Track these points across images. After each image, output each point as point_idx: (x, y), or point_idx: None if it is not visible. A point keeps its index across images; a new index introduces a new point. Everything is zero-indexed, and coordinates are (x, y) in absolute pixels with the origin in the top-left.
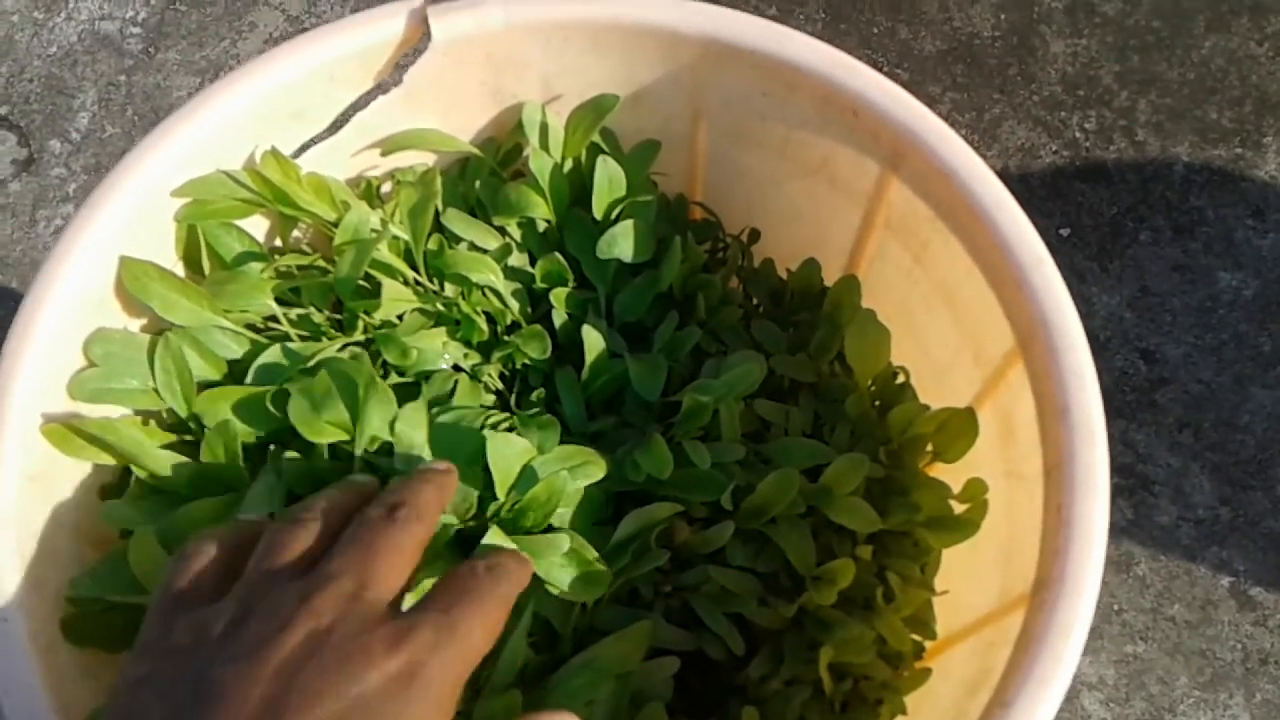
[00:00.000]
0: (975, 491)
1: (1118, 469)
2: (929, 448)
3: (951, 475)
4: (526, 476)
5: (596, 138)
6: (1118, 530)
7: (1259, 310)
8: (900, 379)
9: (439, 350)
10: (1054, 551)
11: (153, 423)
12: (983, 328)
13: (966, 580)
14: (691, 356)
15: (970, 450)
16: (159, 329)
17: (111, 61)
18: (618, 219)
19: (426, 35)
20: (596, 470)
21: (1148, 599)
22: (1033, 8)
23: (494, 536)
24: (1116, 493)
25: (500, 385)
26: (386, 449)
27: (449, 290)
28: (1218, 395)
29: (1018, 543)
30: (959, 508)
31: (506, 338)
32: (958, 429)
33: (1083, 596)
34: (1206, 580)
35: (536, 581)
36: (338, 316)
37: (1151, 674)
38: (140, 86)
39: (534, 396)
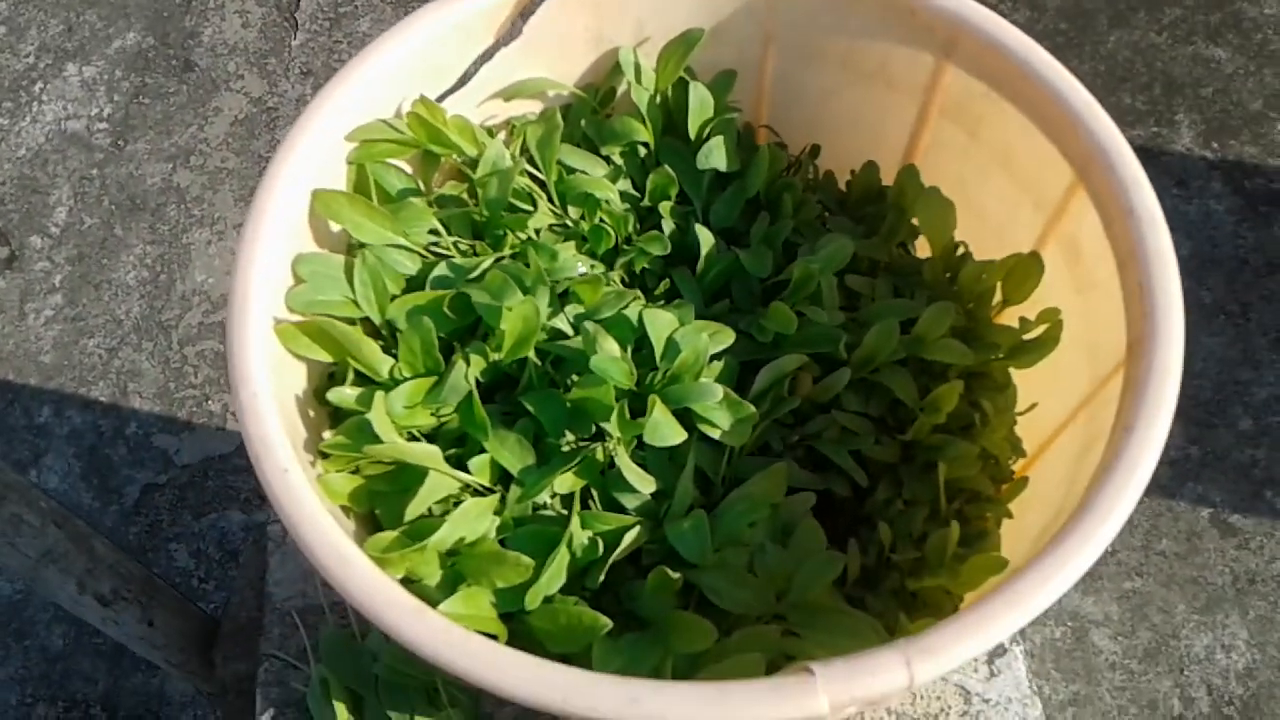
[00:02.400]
0: (1049, 315)
1: None
2: (998, 297)
3: (1026, 312)
4: (671, 347)
5: (683, 72)
6: None
7: (1196, 268)
8: (961, 250)
9: (574, 259)
10: (1141, 315)
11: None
12: (1040, 174)
13: (1050, 393)
14: (783, 250)
15: (1038, 287)
16: (342, 253)
17: (82, 157)
18: (709, 137)
19: None
20: (727, 337)
21: (1137, 538)
22: None
23: (659, 412)
24: None
25: (623, 289)
26: (554, 335)
27: (572, 212)
28: None
29: (1100, 336)
30: (1035, 334)
31: (626, 246)
32: (1024, 272)
33: (1174, 343)
34: (1188, 514)
35: (691, 433)
36: (482, 243)
37: (1151, 605)
38: (114, 177)
39: (658, 290)
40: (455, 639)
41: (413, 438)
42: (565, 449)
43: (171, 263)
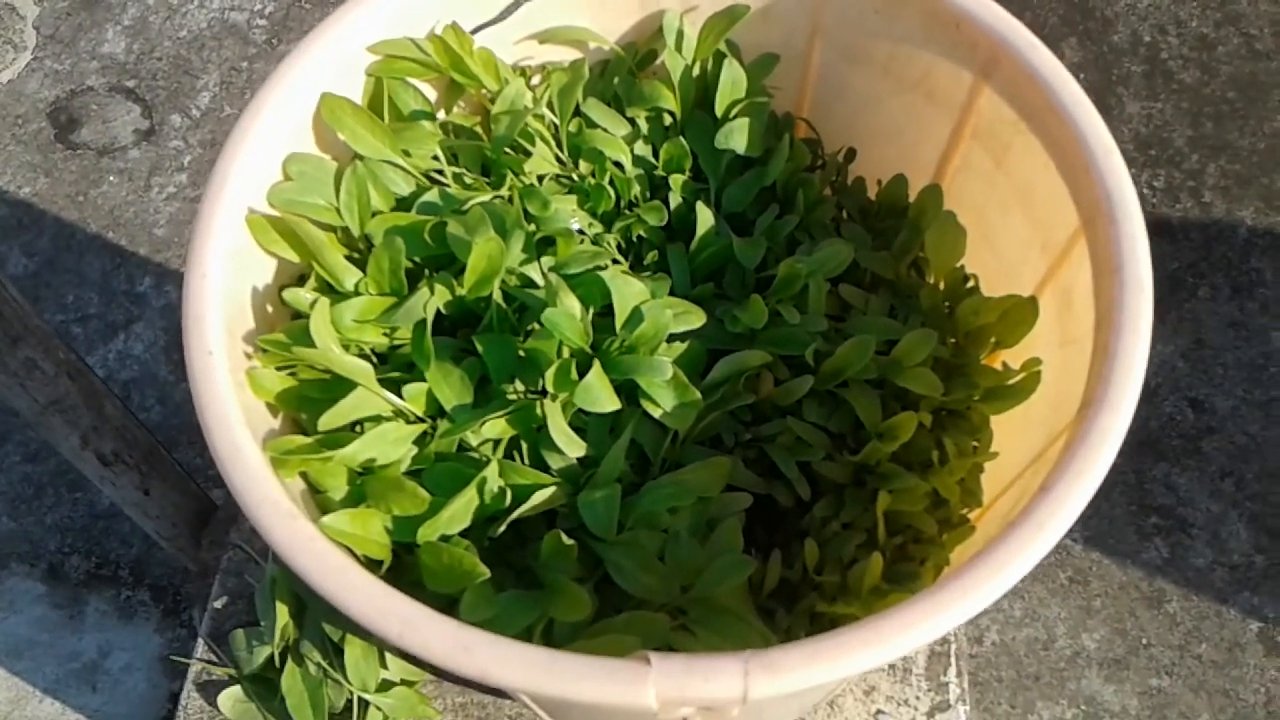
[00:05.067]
0: (1030, 364)
1: (1157, 510)
2: (992, 339)
3: (1012, 358)
4: (635, 316)
5: (723, 46)
6: (1152, 568)
7: None
8: (970, 283)
9: (570, 213)
10: (1098, 378)
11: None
12: (1052, 216)
13: (1015, 444)
14: (786, 245)
15: (1030, 333)
16: (341, 162)
17: (236, 48)
18: (735, 118)
19: None
20: (696, 319)
21: (1176, 636)
22: (1112, 70)
23: (595, 376)
24: (1154, 532)
25: (617, 255)
26: (523, 283)
27: (583, 168)
28: (1263, 448)
29: (1066, 394)
30: (1012, 380)
31: (628, 212)
32: (1019, 316)
33: (1121, 410)
34: (1235, 623)
35: (637, 408)
36: (486, 179)
37: (1174, 708)
38: (260, 73)
39: (647, 261)
40: (316, 548)
41: (363, 354)
42: (511, 396)
43: None
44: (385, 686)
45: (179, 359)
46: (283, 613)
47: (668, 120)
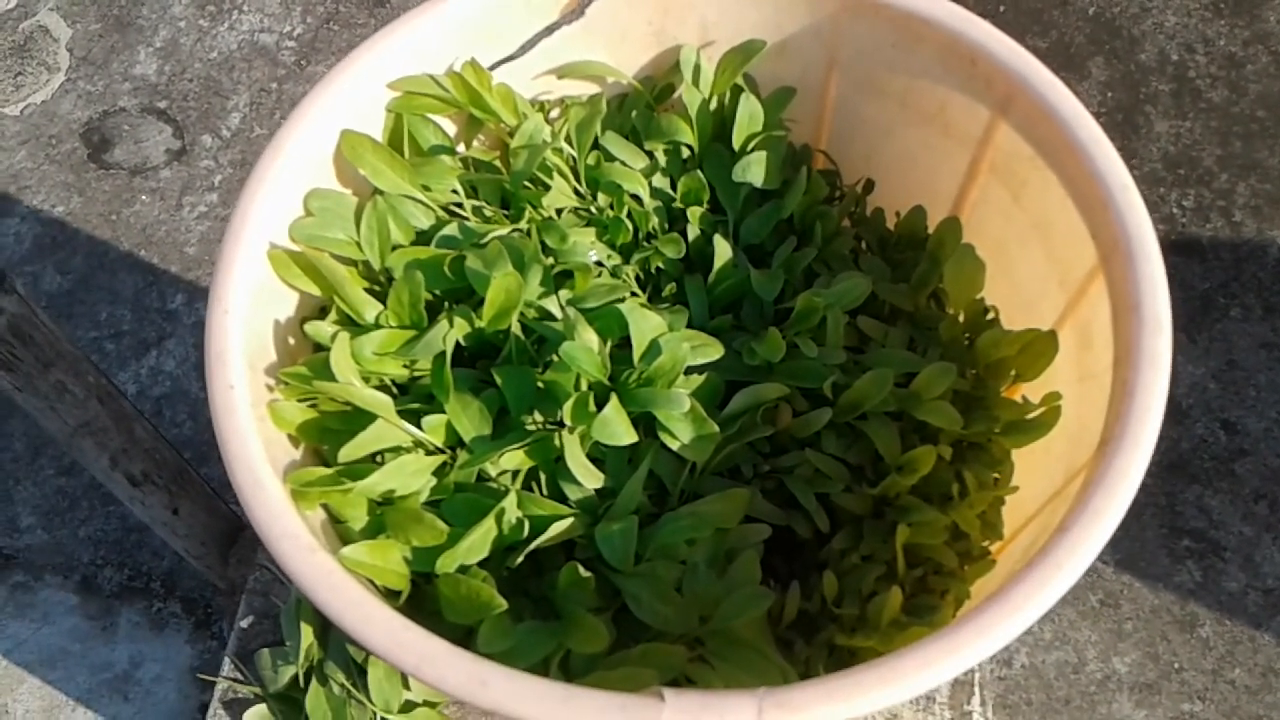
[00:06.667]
0: (1050, 399)
1: (1189, 532)
2: (1012, 372)
3: (1031, 392)
4: (653, 349)
5: (740, 80)
6: (1185, 591)
7: None
8: (990, 315)
9: (588, 245)
10: (1117, 416)
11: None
12: (1070, 251)
13: (1036, 477)
14: (804, 276)
15: (1049, 367)
16: (361, 197)
17: (266, 70)
18: (752, 151)
19: None
20: (714, 351)
21: (1209, 661)
22: (1140, 88)
23: (612, 409)
24: (1186, 555)
25: (635, 287)
26: (541, 315)
27: (601, 200)
28: None
29: (1086, 429)
30: (1033, 415)
31: (646, 244)
32: (1039, 350)
33: (1139, 448)
34: (1270, 648)
35: (655, 439)
36: (505, 212)
37: None
38: (289, 94)
39: (665, 292)
40: (335, 582)
41: (383, 386)
42: (530, 428)
43: None
44: (408, 707)
45: None
46: (307, 633)
47: (685, 153)
